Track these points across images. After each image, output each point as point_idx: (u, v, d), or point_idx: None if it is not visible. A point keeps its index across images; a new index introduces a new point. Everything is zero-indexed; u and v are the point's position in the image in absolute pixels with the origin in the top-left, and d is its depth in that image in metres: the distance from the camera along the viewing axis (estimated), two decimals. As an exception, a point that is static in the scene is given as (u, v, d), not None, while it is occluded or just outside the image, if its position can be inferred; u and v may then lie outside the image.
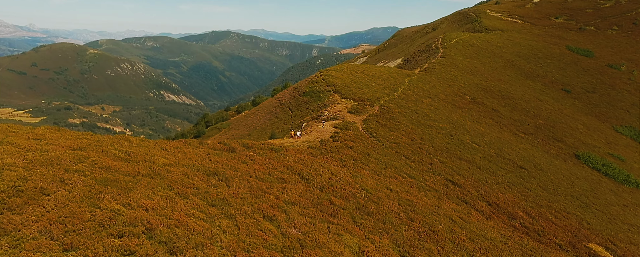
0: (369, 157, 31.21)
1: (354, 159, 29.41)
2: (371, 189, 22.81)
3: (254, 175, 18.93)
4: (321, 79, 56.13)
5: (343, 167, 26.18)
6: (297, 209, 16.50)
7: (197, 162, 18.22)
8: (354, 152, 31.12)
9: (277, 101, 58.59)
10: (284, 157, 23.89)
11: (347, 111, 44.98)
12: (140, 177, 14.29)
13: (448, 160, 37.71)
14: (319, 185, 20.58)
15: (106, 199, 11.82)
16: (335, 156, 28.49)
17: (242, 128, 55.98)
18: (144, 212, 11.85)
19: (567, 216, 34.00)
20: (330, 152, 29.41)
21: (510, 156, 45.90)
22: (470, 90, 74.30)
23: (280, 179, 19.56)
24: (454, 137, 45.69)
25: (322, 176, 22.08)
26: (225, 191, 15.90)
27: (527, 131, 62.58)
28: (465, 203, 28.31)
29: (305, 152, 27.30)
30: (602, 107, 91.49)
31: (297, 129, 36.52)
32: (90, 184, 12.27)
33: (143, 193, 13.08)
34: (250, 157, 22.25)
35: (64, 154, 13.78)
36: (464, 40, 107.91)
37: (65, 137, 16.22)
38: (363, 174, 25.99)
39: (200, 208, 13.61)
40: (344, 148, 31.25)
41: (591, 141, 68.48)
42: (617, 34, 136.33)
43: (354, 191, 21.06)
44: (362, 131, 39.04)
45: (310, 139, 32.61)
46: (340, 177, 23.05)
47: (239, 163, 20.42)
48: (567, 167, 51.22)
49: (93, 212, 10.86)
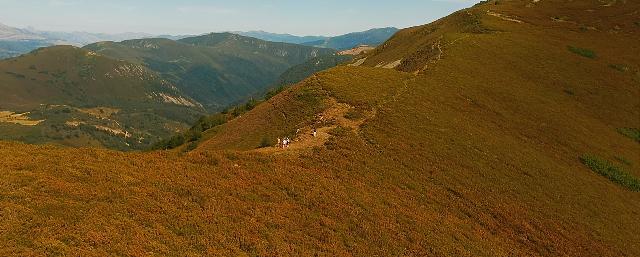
0: (365, 167, 29.24)
1: (349, 169, 27.45)
2: (367, 204, 20.84)
3: (234, 192, 16.97)
4: (317, 82, 54.16)
5: (337, 179, 24.23)
6: (280, 234, 14.52)
7: (170, 179, 16.27)
8: (349, 161, 29.15)
9: (271, 105, 56.59)
10: (271, 169, 21.94)
11: (343, 116, 43.03)
12: (95, 201, 12.34)
13: (449, 167, 35.75)
14: (309, 202, 18.62)
15: (44, 234, 9.87)
16: (329, 166, 26.51)
17: (235, 133, 53.99)
18: (91, 249, 9.90)
19: (576, 227, 32.03)
20: (323, 161, 27.43)
21: (514, 162, 43.95)
22: (470, 93, 72.37)
23: (264, 196, 17.61)
24: (455, 142, 43.73)
25: (313, 190, 20.12)
26: (198, 215, 13.94)
27: (530, 134, 60.64)
28: (469, 216, 26.34)
29: (296, 162, 25.30)
30: (605, 109, 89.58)
31: (286, 137, 33.92)
32: (28, 215, 10.33)
33: (94, 223, 11.12)
34: (234, 170, 20.30)
35: (5, 176, 11.84)
36: (463, 41, 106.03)
37: (15, 153, 14.29)
38: (358, 186, 24.03)
39: (163, 238, 11.64)
40: (338, 157, 29.29)
41: (596, 144, 66.54)
42: (618, 34, 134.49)
43: (347, 208, 19.09)
44: (359, 137, 37.08)
45: (302, 147, 30.63)
46: (333, 191, 21.09)
47: (220, 178, 18.47)
48: (573, 172, 49.26)
49: (21, 253, 8.91)
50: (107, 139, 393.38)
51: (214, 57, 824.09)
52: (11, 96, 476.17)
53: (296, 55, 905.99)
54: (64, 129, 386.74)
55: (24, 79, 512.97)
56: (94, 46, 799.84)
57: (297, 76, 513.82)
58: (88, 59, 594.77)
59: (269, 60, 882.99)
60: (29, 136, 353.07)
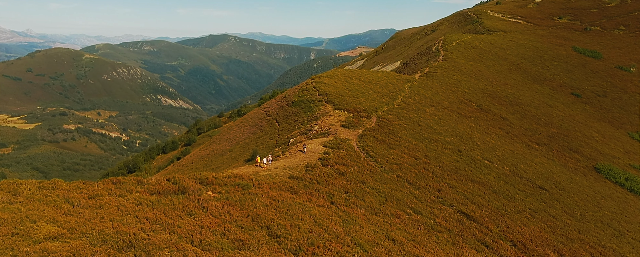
0: (365, 187, 25.52)
1: (346, 191, 23.72)
2: (367, 242, 17.12)
3: (198, 238, 13.29)
4: (312, 87, 50.37)
5: (331, 207, 20.52)
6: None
7: (111, 225, 12.60)
8: (346, 181, 25.42)
9: (263, 112, 52.72)
10: (251, 199, 18.24)
11: (340, 125, 39.29)
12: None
13: (459, 183, 32.01)
14: (295, 245, 14.91)
15: None
16: (323, 190, 22.78)
17: (224, 142, 50.18)
18: None
19: (604, 253, 28.29)
20: (316, 183, 23.70)
21: (527, 174, 40.23)
22: (475, 96, 68.71)
23: (237, 241, 13.90)
24: (462, 153, 40.01)
25: (301, 227, 16.43)
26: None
27: (540, 141, 56.94)
28: (486, 247, 22.61)
29: (283, 186, 21.53)
30: (614, 112, 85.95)
31: (269, 154, 29.36)
32: None
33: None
34: (204, 202, 16.62)
35: None
36: (466, 42, 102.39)
37: None
38: (357, 215, 20.31)
39: None
40: (334, 176, 25.56)
41: (609, 150, 62.87)
42: (624, 34, 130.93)
43: (343, 252, 15.37)
44: (357, 150, 33.34)
45: (293, 165, 26.88)
46: (326, 226, 17.39)
47: (182, 216, 14.80)
48: (589, 183, 45.55)
49: None
50: (104, 142, 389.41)
51: (212, 59, 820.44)
52: (8, 99, 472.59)
53: (295, 56, 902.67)
54: (60, 133, 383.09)
55: (20, 82, 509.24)
56: (92, 49, 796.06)
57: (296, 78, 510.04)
58: (85, 62, 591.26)
59: (268, 61, 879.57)
60: (24, 140, 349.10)
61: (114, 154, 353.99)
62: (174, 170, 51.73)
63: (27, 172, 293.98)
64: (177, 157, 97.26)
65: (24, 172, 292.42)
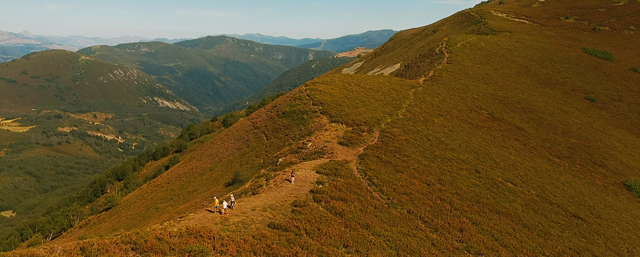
0: (369, 235, 19.59)
1: (345, 245, 17.80)
2: None
3: None
4: (306, 95, 44.34)
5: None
6: None
7: None
8: (344, 227, 19.51)
9: (251, 123, 46.60)
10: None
11: (338, 142, 33.33)
12: None
13: (483, 218, 26.09)
14: None
15: None
16: (313, 245, 16.89)
17: (206, 159, 44.19)
18: None
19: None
20: (304, 234, 17.81)
21: (557, 199, 34.32)
22: (486, 103, 62.88)
23: None
24: (481, 174, 34.11)
25: None
26: None
27: (561, 154, 51.06)
28: None
29: (258, 247, 15.49)
30: (632, 118, 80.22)
31: (232, 195, 19.55)
32: None
33: None
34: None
35: None
36: (471, 43, 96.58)
37: None
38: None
39: None
40: (329, 220, 19.68)
41: (634, 162, 57.10)
42: (635, 35, 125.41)
43: None
44: (358, 176, 27.39)
45: (276, 203, 20.93)
46: None
47: None
48: (624, 206, 39.68)
49: None
50: (99, 145, 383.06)
51: (210, 61, 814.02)
52: (2, 102, 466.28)
53: (293, 58, 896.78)
54: (55, 135, 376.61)
55: (15, 84, 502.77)
56: (89, 50, 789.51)
57: (294, 79, 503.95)
58: (82, 64, 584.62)
59: (266, 63, 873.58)
60: (18, 143, 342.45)
61: (109, 157, 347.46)
62: (148, 190, 45.72)
63: (19, 176, 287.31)
64: (165, 166, 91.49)
65: (17, 176, 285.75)
